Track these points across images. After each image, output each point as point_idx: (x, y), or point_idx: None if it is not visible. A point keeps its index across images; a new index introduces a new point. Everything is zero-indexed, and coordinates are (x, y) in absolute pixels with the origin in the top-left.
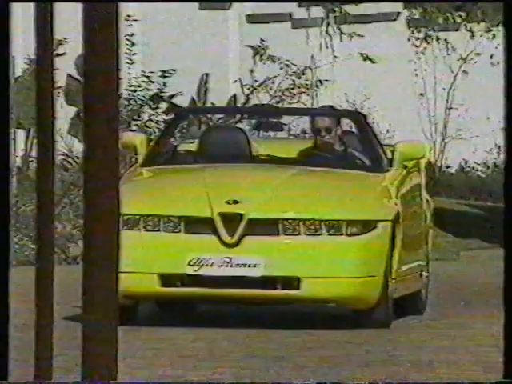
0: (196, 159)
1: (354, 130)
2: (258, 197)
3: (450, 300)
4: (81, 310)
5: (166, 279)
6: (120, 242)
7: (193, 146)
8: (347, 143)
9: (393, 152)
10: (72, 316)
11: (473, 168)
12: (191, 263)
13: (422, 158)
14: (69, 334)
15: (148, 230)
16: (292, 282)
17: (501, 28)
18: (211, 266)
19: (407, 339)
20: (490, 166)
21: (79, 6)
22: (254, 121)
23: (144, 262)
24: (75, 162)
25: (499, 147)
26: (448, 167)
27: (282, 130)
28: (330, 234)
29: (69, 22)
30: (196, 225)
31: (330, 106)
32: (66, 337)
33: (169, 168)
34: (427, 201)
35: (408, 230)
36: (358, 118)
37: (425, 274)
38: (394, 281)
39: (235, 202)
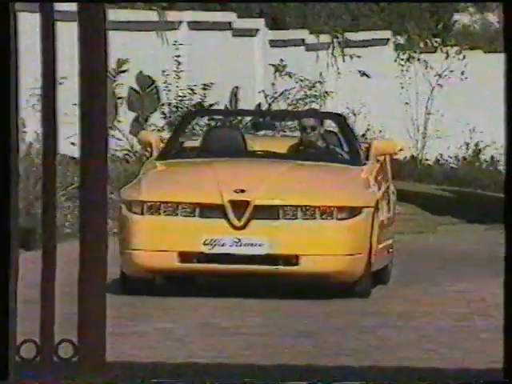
0: (200, 154)
1: (335, 129)
2: (261, 186)
3: (428, 262)
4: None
5: (184, 256)
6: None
7: (197, 143)
8: (328, 140)
9: (368, 148)
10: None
11: (446, 161)
12: (205, 243)
13: (393, 153)
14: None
15: (168, 215)
16: (291, 259)
17: (468, 51)
18: (223, 245)
19: (396, 294)
20: (460, 159)
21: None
22: (252, 120)
23: (165, 241)
24: (135, 155)
25: (467, 144)
26: (427, 160)
27: (274, 129)
28: (323, 219)
29: (128, 46)
30: (209, 210)
31: (314, 110)
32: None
33: (182, 161)
34: (392, 190)
35: (382, 214)
36: (339, 119)
37: (391, 250)
38: (373, 257)
39: (242, 191)
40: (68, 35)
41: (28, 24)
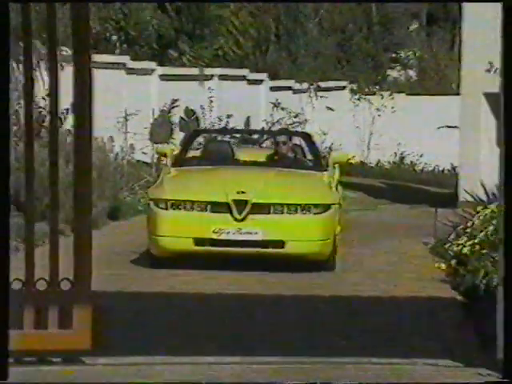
0: (203, 162)
1: (303, 143)
2: (256, 189)
3: (371, 229)
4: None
5: (198, 241)
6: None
7: (197, 153)
8: (295, 152)
9: (326, 158)
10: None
11: (383, 164)
12: (215, 231)
13: (345, 162)
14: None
15: (186, 210)
16: (279, 244)
17: (396, 93)
18: (227, 233)
19: (349, 251)
20: (391, 163)
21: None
22: (240, 137)
23: (184, 230)
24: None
25: (395, 153)
26: (370, 163)
27: (256, 143)
28: (303, 213)
29: (179, 90)
30: (217, 207)
31: (286, 129)
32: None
33: (192, 168)
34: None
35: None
36: (306, 136)
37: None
38: (335, 241)
39: (242, 192)
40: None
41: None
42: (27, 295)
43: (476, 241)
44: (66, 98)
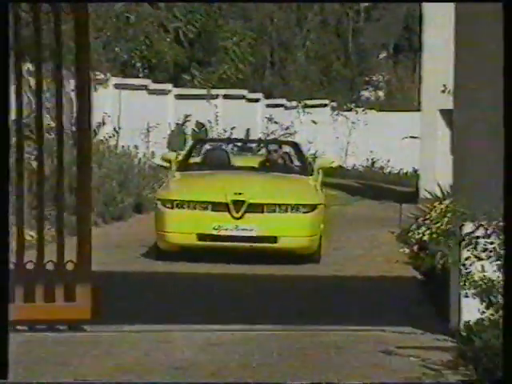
0: (204, 167)
1: (290, 151)
2: (251, 191)
3: (348, 220)
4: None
5: (201, 236)
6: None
7: (198, 160)
8: (285, 159)
9: (311, 164)
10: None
11: (358, 168)
12: (215, 228)
13: (329, 166)
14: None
15: (190, 209)
16: (272, 239)
17: (368, 110)
18: (226, 230)
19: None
20: (364, 167)
21: None
22: (237, 145)
23: (187, 226)
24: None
25: (367, 159)
26: (347, 167)
27: (251, 151)
28: (292, 212)
29: (191, 107)
30: (217, 206)
31: (277, 139)
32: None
33: (194, 173)
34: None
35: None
36: (294, 145)
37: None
38: (321, 237)
39: (240, 193)
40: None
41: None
42: (38, 274)
43: (433, 230)
44: (99, 114)
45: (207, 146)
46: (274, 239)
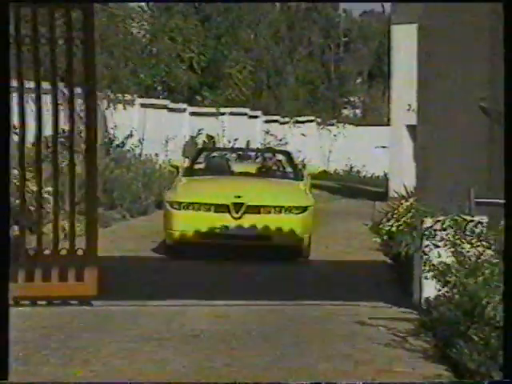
0: (207, 173)
1: (283, 159)
2: (249, 194)
3: (330, 215)
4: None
5: (206, 235)
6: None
7: (202, 166)
8: (278, 165)
9: (301, 170)
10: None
11: (338, 172)
12: (217, 227)
13: (317, 172)
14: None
15: (195, 210)
16: (267, 237)
17: (347, 125)
18: (227, 229)
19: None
20: (344, 171)
21: None
22: (236, 153)
23: (193, 226)
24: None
25: (346, 164)
26: (330, 171)
27: (249, 159)
28: (286, 214)
29: (201, 123)
30: (219, 208)
31: (271, 148)
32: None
33: (199, 178)
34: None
35: None
36: (287, 153)
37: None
38: (311, 236)
39: (239, 196)
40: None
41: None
42: (54, 259)
43: (400, 223)
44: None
45: (210, 154)
46: (269, 237)
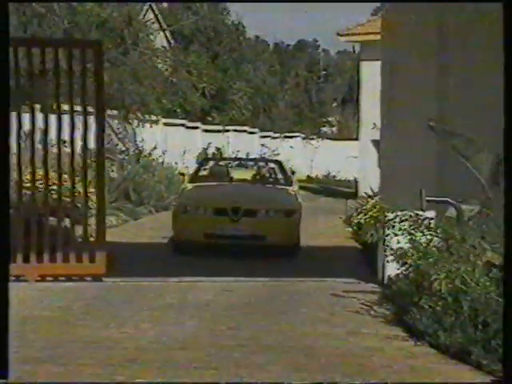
0: (210, 180)
1: (275, 167)
2: (246, 199)
3: (313, 211)
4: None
5: (207, 235)
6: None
7: (205, 173)
8: (271, 173)
9: (291, 177)
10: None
11: (319, 176)
12: (218, 228)
13: (302, 180)
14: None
15: (199, 213)
16: (261, 237)
17: (325, 140)
18: (227, 230)
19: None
20: (323, 175)
21: None
22: (236, 163)
23: (196, 227)
24: None
25: (325, 170)
26: (312, 176)
27: (246, 167)
28: (278, 216)
29: (210, 139)
30: (220, 212)
31: (264, 157)
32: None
33: (202, 184)
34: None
35: None
36: (278, 162)
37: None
38: (299, 235)
39: (237, 201)
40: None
41: None
42: (71, 245)
43: (367, 216)
44: (153, 142)
45: (212, 163)
46: (263, 237)
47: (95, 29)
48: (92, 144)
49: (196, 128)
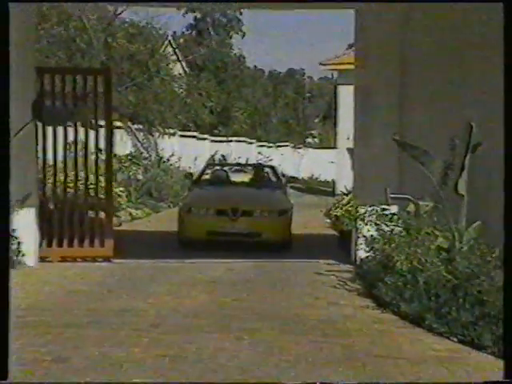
0: (210, 183)
1: (269, 171)
2: (244, 201)
3: (299, 206)
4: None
5: (209, 233)
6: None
7: (208, 177)
8: (265, 176)
9: (283, 179)
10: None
11: (305, 178)
12: (219, 227)
13: (291, 183)
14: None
15: (202, 213)
16: (257, 234)
17: (310, 148)
18: (227, 228)
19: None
20: (308, 177)
21: None
22: (235, 168)
23: (200, 226)
24: None
25: (310, 173)
26: (299, 178)
27: (244, 171)
28: (271, 215)
29: (217, 147)
30: (221, 212)
31: (260, 163)
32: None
33: (204, 187)
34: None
35: None
36: (272, 167)
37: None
38: (291, 233)
39: (236, 203)
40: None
41: None
42: (85, 233)
43: (343, 210)
44: (170, 150)
45: (214, 168)
46: (259, 234)
47: (126, 60)
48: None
49: (205, 139)
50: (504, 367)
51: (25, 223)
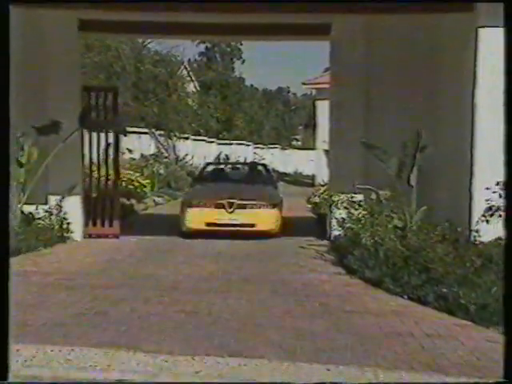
0: (209, 179)
1: (262, 169)
2: (239, 195)
3: (286, 195)
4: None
5: (208, 224)
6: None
7: (207, 174)
8: (259, 173)
9: (274, 176)
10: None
11: (291, 173)
12: (216, 219)
13: (281, 180)
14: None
15: (201, 207)
16: (251, 225)
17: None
18: (223, 220)
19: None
20: (294, 172)
21: None
22: (231, 166)
23: (199, 218)
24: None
25: (295, 169)
26: (286, 172)
27: (240, 169)
28: (264, 208)
29: (221, 150)
30: (218, 206)
31: (254, 162)
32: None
33: (204, 183)
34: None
35: None
36: (264, 165)
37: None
38: (281, 224)
39: (231, 197)
40: None
41: None
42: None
43: (320, 198)
44: (185, 151)
45: (213, 166)
46: (253, 225)
47: (151, 80)
48: (151, 152)
49: (212, 142)
50: (504, 367)
51: (72, 207)
